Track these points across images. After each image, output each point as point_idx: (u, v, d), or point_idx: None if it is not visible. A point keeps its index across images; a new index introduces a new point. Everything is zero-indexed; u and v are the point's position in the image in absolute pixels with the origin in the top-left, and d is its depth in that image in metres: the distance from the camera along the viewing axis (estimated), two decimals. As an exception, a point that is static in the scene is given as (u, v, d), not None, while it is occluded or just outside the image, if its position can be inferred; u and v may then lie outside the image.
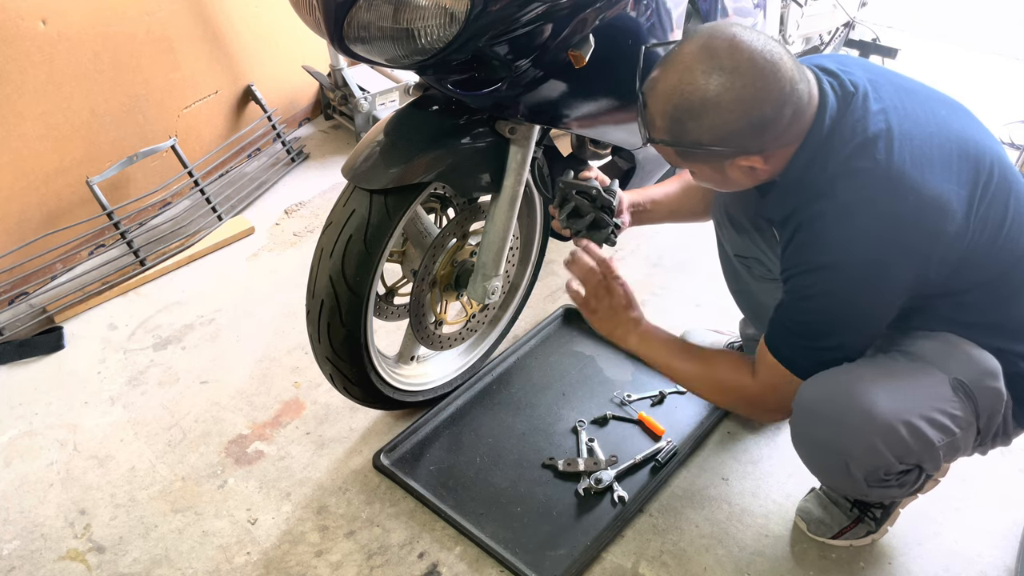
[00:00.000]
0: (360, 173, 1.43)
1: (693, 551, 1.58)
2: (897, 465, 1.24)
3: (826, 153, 1.18)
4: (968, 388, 1.22)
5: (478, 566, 1.54)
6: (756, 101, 1.11)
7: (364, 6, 1.19)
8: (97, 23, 2.18)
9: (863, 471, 1.25)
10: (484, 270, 1.60)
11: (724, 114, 1.12)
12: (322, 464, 1.75)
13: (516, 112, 1.39)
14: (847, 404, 1.21)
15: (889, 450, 1.21)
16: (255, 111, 2.82)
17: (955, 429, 1.22)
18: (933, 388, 1.22)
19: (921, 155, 1.16)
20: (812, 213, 1.19)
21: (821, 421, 1.25)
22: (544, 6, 1.21)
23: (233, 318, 2.17)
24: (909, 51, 3.11)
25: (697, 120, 1.13)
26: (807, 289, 1.22)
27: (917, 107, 1.23)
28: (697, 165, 1.24)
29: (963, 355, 1.24)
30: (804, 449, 1.33)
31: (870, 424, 1.20)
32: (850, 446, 1.23)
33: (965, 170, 1.18)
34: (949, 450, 1.25)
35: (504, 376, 1.95)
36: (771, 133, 1.15)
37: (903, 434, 1.20)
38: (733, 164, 1.20)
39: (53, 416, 1.88)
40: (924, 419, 1.20)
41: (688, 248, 2.43)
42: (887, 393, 1.21)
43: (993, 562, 1.58)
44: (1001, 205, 1.22)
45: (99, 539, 1.60)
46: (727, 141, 1.15)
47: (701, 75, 1.11)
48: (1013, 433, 1.34)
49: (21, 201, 2.16)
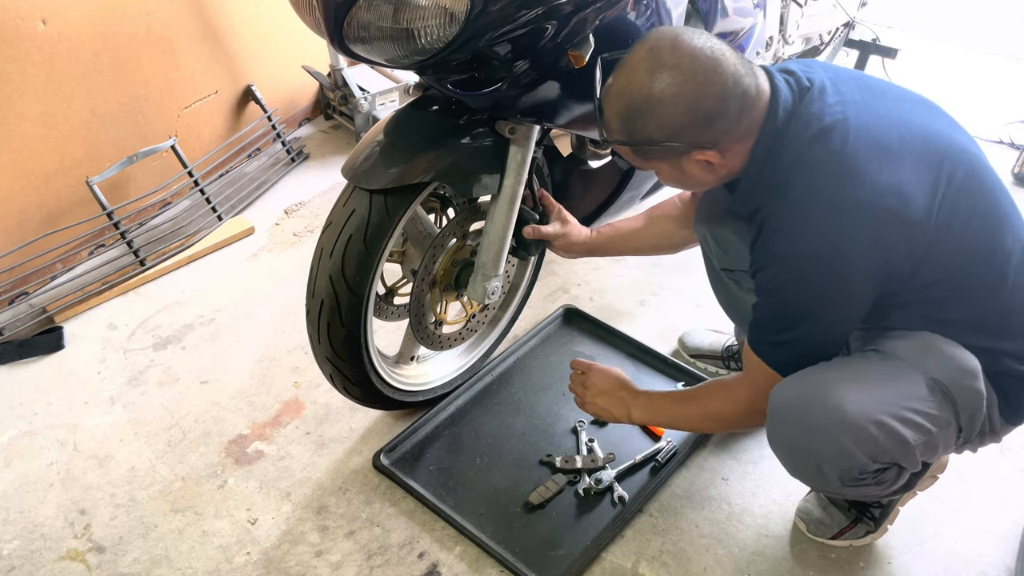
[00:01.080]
0: (360, 173, 1.43)
1: (693, 551, 1.58)
2: (871, 464, 1.25)
3: (782, 146, 1.20)
4: (945, 387, 1.23)
5: (478, 566, 1.54)
6: (698, 95, 1.14)
7: (364, 6, 1.19)
8: (97, 23, 2.18)
9: (836, 471, 1.26)
10: (484, 270, 1.60)
11: (670, 108, 1.15)
12: (322, 464, 1.76)
13: (516, 112, 1.40)
14: (816, 406, 1.23)
15: (860, 450, 1.23)
16: (255, 111, 2.82)
17: (931, 428, 1.23)
18: (907, 387, 1.23)
19: (878, 146, 1.17)
20: (771, 208, 1.21)
21: (792, 423, 1.27)
22: (544, 6, 1.21)
23: (233, 318, 2.17)
24: (909, 51, 3.11)
25: (645, 117, 1.17)
26: (769, 283, 1.24)
27: (879, 102, 1.23)
28: (655, 163, 1.26)
29: (940, 354, 1.24)
30: (779, 451, 1.34)
31: (839, 425, 1.21)
32: (820, 448, 1.25)
33: (927, 162, 1.18)
34: (927, 449, 1.26)
35: (504, 376, 1.95)
36: (719, 126, 1.18)
37: (874, 433, 1.21)
38: (689, 159, 1.22)
39: (53, 416, 1.88)
40: (896, 418, 1.21)
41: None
42: (858, 393, 1.22)
43: (993, 562, 1.58)
44: (967, 198, 1.21)
45: (99, 539, 1.60)
46: (677, 136, 1.18)
47: (646, 74, 1.16)
48: (1002, 430, 1.33)
49: (21, 201, 2.16)
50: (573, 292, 2.27)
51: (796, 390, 1.27)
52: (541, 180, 1.79)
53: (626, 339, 2.04)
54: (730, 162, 1.23)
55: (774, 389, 1.30)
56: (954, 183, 1.19)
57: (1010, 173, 2.91)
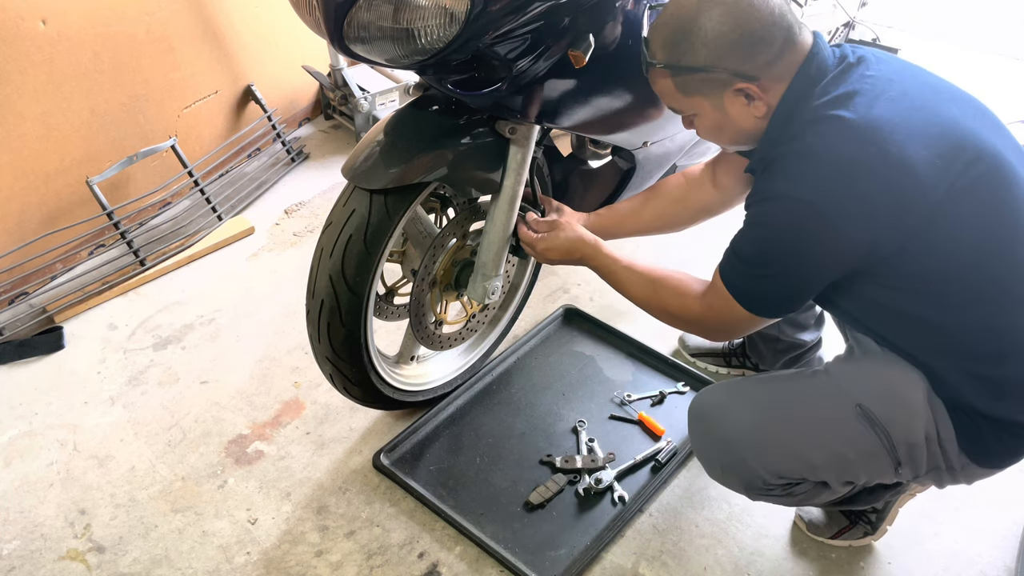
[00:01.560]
0: (360, 173, 1.43)
1: (693, 551, 1.58)
2: (773, 478, 1.29)
3: (809, 100, 1.20)
4: (873, 416, 1.23)
5: (478, 566, 1.54)
6: (746, 17, 1.16)
7: (364, 6, 1.19)
8: (97, 23, 2.18)
9: (739, 480, 1.34)
10: (484, 270, 1.60)
11: (717, 27, 1.16)
12: (322, 464, 1.76)
13: (516, 112, 1.39)
14: (726, 416, 1.32)
15: (760, 464, 1.28)
16: (255, 111, 2.82)
17: (848, 454, 1.25)
18: (828, 411, 1.26)
19: (899, 120, 1.16)
20: (780, 152, 1.21)
21: (702, 428, 1.37)
22: (544, 6, 1.21)
23: (233, 318, 2.17)
24: (909, 51, 3.11)
25: (692, 38, 1.18)
26: (756, 217, 1.24)
27: (915, 86, 1.22)
28: (697, 100, 1.25)
29: (878, 382, 1.24)
30: (694, 449, 1.43)
31: (740, 438, 1.29)
32: (722, 456, 1.33)
33: (945, 149, 1.15)
34: (844, 472, 1.28)
35: (504, 376, 1.95)
36: (763, 55, 1.18)
37: (775, 452, 1.26)
38: (730, 94, 1.21)
39: (53, 416, 1.88)
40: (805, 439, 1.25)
41: (688, 248, 2.42)
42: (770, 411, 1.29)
43: (993, 562, 1.58)
44: (983, 197, 1.16)
45: (99, 539, 1.60)
46: (721, 60, 1.18)
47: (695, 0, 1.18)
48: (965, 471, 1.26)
49: (21, 201, 2.16)
50: (573, 292, 2.27)
51: (717, 397, 1.37)
52: (541, 180, 1.79)
53: (626, 339, 2.04)
54: (769, 100, 1.22)
55: (700, 391, 1.39)
56: (969, 176, 1.15)
57: (1010, 173, 2.91)
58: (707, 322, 1.34)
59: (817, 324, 1.85)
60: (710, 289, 1.33)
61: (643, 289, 1.44)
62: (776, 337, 1.84)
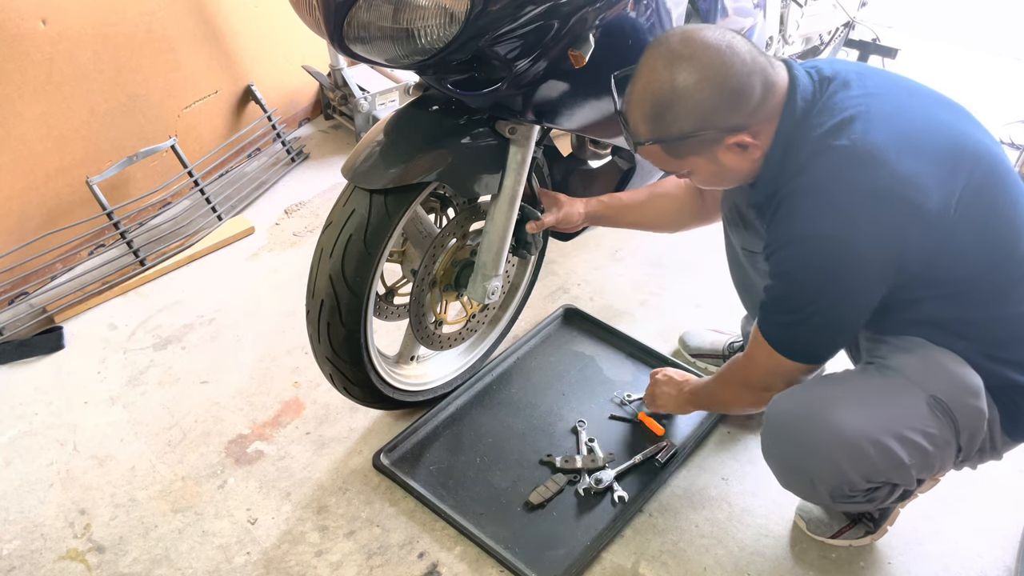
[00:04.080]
0: (360, 173, 1.43)
1: (693, 551, 1.58)
2: (863, 483, 1.25)
3: (802, 133, 1.20)
4: (946, 406, 1.21)
5: (478, 566, 1.54)
6: (721, 76, 1.16)
7: (364, 6, 1.19)
8: (97, 23, 2.18)
9: (827, 488, 1.27)
10: (484, 270, 1.60)
11: (695, 95, 1.16)
12: (322, 464, 1.75)
13: (516, 112, 1.39)
14: (812, 422, 1.24)
15: (854, 469, 1.22)
16: (255, 111, 2.82)
17: (929, 447, 1.21)
18: (907, 406, 1.21)
19: (899, 137, 1.16)
20: (789, 191, 1.20)
21: (787, 438, 1.28)
22: (544, 6, 1.21)
23: (233, 318, 2.17)
24: (909, 51, 3.11)
25: (673, 110, 1.18)
26: (782, 264, 1.24)
27: (904, 98, 1.23)
28: (691, 160, 1.25)
29: (943, 371, 1.22)
30: (772, 463, 1.35)
31: (834, 443, 1.22)
32: (813, 464, 1.25)
33: (947, 157, 1.17)
34: (923, 468, 1.25)
35: (504, 376, 1.95)
36: (747, 104, 1.18)
37: (869, 453, 1.20)
38: (723, 147, 1.21)
39: (53, 416, 1.88)
40: (894, 438, 1.20)
41: (688, 248, 2.43)
42: (856, 411, 1.22)
43: (993, 562, 1.58)
44: (987, 198, 1.20)
45: (99, 539, 1.60)
46: (708, 121, 1.18)
47: (664, 70, 1.17)
48: (1003, 447, 1.31)
49: (21, 201, 2.16)
50: (573, 292, 2.27)
51: (793, 403, 1.28)
52: (541, 180, 1.79)
53: (626, 339, 2.04)
54: (763, 142, 1.22)
55: (772, 402, 1.31)
56: (973, 181, 1.18)
57: (1010, 173, 2.91)
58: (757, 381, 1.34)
59: None
60: (755, 351, 1.32)
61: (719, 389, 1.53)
62: None
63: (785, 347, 1.27)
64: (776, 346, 1.27)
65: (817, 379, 1.34)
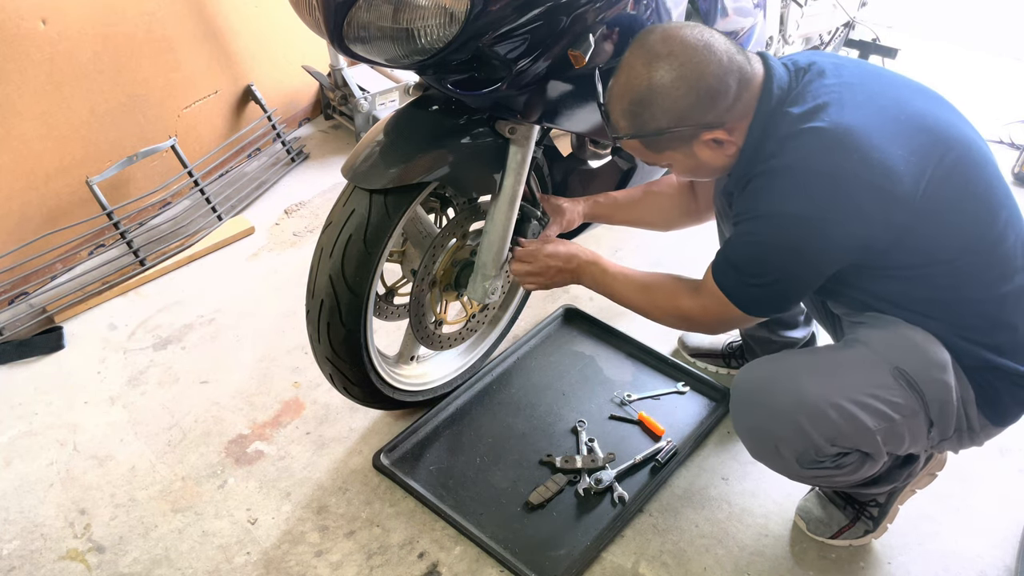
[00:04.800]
0: (360, 173, 1.43)
1: (693, 551, 1.58)
2: (828, 447, 1.28)
3: (777, 120, 1.23)
4: (911, 378, 1.24)
5: (478, 566, 1.54)
6: (697, 74, 1.19)
7: (364, 6, 1.19)
8: (97, 23, 2.18)
9: (793, 453, 1.31)
10: (484, 270, 1.60)
11: (672, 92, 1.19)
12: (322, 464, 1.76)
13: (516, 112, 1.39)
14: (777, 387, 1.29)
15: (817, 431, 1.26)
16: (255, 111, 2.82)
17: (893, 415, 1.25)
18: (871, 375, 1.26)
19: (871, 122, 1.19)
20: (760, 171, 1.23)
21: (754, 404, 1.34)
22: (544, 6, 1.21)
23: (233, 318, 2.17)
24: (909, 51, 3.11)
25: (651, 107, 1.21)
26: (747, 236, 1.26)
27: (878, 87, 1.25)
28: (668, 155, 1.29)
29: (908, 345, 1.25)
30: (741, 432, 1.40)
31: (796, 405, 1.26)
32: (778, 428, 1.30)
33: (918, 142, 1.20)
34: (890, 436, 1.28)
35: (504, 376, 1.95)
36: (722, 103, 1.21)
37: (831, 416, 1.24)
38: (699, 143, 1.25)
39: (53, 416, 1.88)
40: (855, 403, 1.24)
41: (688, 248, 2.43)
42: (818, 378, 1.27)
43: (993, 562, 1.58)
44: (960, 181, 1.22)
45: (99, 539, 1.60)
46: (684, 118, 1.21)
47: (643, 68, 1.21)
48: (983, 431, 1.33)
49: (21, 201, 2.16)
50: (573, 292, 2.27)
51: (760, 373, 1.35)
52: (541, 180, 1.79)
53: (626, 339, 2.04)
54: (738, 139, 1.25)
55: (740, 371, 1.37)
56: (945, 164, 1.20)
57: (1010, 173, 2.91)
58: (701, 320, 1.38)
59: (807, 321, 1.88)
60: (704, 290, 1.35)
61: (636, 293, 1.47)
62: (769, 339, 1.85)
63: (737, 299, 1.30)
64: (728, 295, 1.30)
65: (784, 353, 1.41)
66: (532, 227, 1.67)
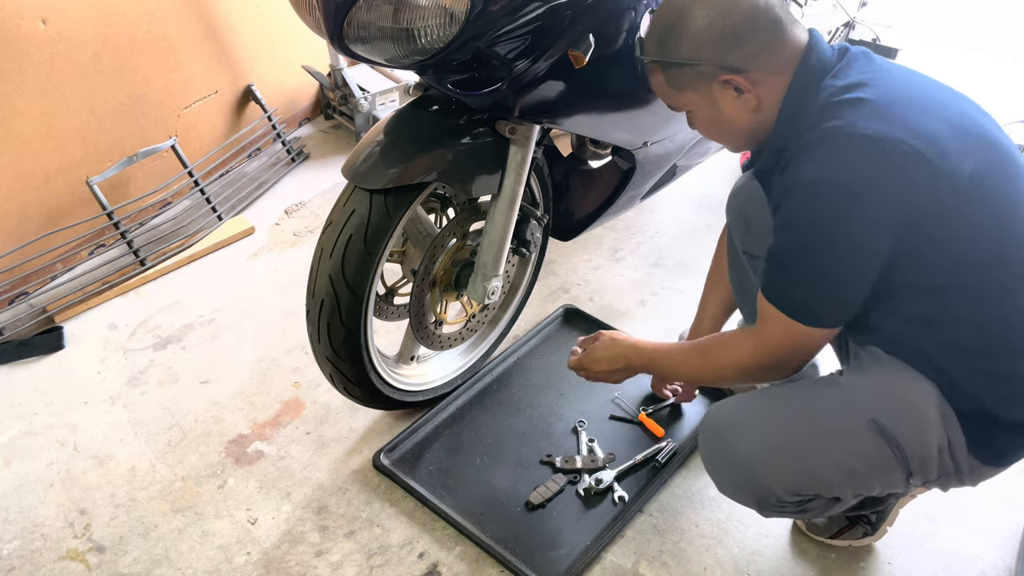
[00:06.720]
0: (360, 173, 1.43)
1: (693, 551, 1.58)
2: (789, 496, 1.27)
3: (815, 92, 1.18)
4: (888, 432, 1.19)
5: (478, 566, 1.54)
6: (727, 9, 1.17)
7: (364, 6, 1.19)
8: (97, 23, 2.18)
9: (753, 499, 1.31)
10: (484, 270, 1.60)
11: (698, 21, 1.17)
12: (322, 464, 1.76)
13: (516, 112, 1.39)
14: (739, 434, 1.28)
15: (776, 484, 1.25)
16: (255, 111, 2.82)
17: (860, 469, 1.22)
18: (843, 426, 1.22)
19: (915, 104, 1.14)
20: (799, 145, 1.17)
21: (715, 448, 1.33)
22: (544, 6, 1.21)
23: (233, 318, 2.17)
24: (909, 51, 3.11)
25: (676, 32, 1.19)
26: (783, 217, 1.18)
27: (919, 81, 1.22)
28: (688, 95, 1.25)
29: (892, 395, 1.20)
30: (705, 464, 1.38)
31: (757, 457, 1.25)
32: (737, 475, 1.29)
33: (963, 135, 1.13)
34: (857, 486, 1.26)
35: (504, 376, 1.95)
36: (747, 47, 1.18)
37: (792, 470, 1.24)
38: (718, 86, 1.20)
39: (53, 416, 1.88)
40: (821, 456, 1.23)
41: (688, 248, 2.43)
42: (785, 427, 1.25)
43: (993, 562, 1.58)
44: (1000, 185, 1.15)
45: (99, 539, 1.60)
46: (704, 51, 1.18)
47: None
48: (974, 473, 1.25)
49: (21, 201, 2.16)
50: (573, 292, 2.27)
51: (727, 415, 1.32)
52: (541, 180, 1.79)
53: (626, 339, 2.04)
54: (760, 94, 1.20)
55: (710, 409, 1.34)
56: (989, 163, 1.14)
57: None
58: (770, 353, 1.24)
59: None
60: (760, 321, 1.25)
61: (693, 360, 1.37)
62: None
63: (789, 307, 1.18)
64: (780, 307, 1.19)
65: (761, 392, 1.37)
66: (532, 227, 1.67)
